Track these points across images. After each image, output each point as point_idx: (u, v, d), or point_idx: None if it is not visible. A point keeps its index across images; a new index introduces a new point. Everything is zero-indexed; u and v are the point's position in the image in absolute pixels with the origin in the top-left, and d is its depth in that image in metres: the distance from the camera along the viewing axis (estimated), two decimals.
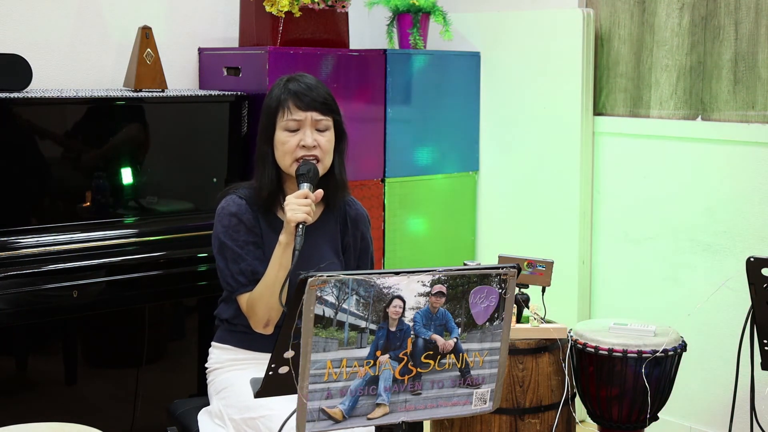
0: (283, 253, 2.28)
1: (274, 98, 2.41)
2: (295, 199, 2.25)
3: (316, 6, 3.49)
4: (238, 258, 2.37)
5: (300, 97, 2.37)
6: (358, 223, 2.54)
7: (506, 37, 3.92)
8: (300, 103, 2.37)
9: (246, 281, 2.36)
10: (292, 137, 2.37)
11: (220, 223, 2.41)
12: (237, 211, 2.41)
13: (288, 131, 2.38)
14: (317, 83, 2.43)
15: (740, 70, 3.35)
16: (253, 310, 2.34)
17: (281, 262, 2.29)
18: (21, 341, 2.89)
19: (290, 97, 2.38)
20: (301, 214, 2.22)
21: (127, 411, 3.08)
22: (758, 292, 2.47)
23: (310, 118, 2.38)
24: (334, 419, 1.73)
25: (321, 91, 2.41)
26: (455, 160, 3.99)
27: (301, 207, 2.23)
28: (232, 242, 2.38)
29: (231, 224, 2.40)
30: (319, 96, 2.39)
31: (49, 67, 3.32)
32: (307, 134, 2.37)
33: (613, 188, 3.74)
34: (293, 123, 2.37)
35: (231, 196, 2.45)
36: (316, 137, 2.38)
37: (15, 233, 2.83)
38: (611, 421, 2.89)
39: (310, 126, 2.38)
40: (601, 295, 3.81)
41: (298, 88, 2.39)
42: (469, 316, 1.82)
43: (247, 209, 2.42)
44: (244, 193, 2.45)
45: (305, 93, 2.38)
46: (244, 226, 2.40)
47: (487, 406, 1.90)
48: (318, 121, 2.39)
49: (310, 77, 2.45)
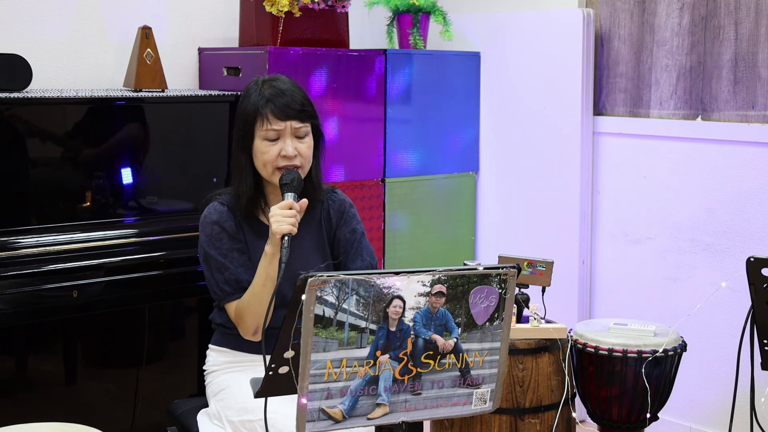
0: (269, 264, 2.27)
1: (251, 104, 2.38)
2: (280, 211, 2.23)
3: (316, 6, 3.49)
4: (222, 267, 2.37)
5: (278, 105, 2.35)
6: (343, 214, 2.53)
7: (506, 37, 3.92)
8: (279, 112, 2.35)
9: (231, 290, 2.36)
10: (272, 146, 2.36)
11: (203, 231, 2.41)
12: (219, 219, 2.40)
13: (267, 140, 2.36)
14: (292, 87, 2.41)
15: (740, 70, 3.35)
16: (241, 319, 2.34)
17: (268, 273, 2.28)
18: (21, 341, 2.89)
19: (267, 105, 2.35)
20: (286, 226, 2.20)
21: (127, 411, 3.08)
22: (758, 292, 2.46)
23: (289, 127, 2.36)
24: (334, 419, 1.73)
25: (297, 96, 2.39)
26: (455, 160, 3.99)
27: (286, 219, 2.22)
28: (215, 251, 2.38)
29: (213, 233, 2.39)
30: (295, 103, 2.37)
31: (49, 67, 3.32)
32: (287, 143, 2.35)
33: (613, 188, 3.74)
34: (273, 133, 2.35)
35: (213, 204, 2.44)
36: (296, 145, 2.37)
37: (15, 233, 2.83)
38: (611, 421, 2.89)
39: (290, 135, 2.36)
40: (601, 295, 3.81)
41: (274, 94, 2.36)
42: (469, 316, 1.82)
43: (229, 216, 2.41)
44: (226, 199, 2.44)
45: (282, 101, 2.35)
46: (226, 234, 2.39)
47: (487, 406, 1.90)
48: (297, 129, 2.37)
49: (285, 80, 2.42)
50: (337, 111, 3.54)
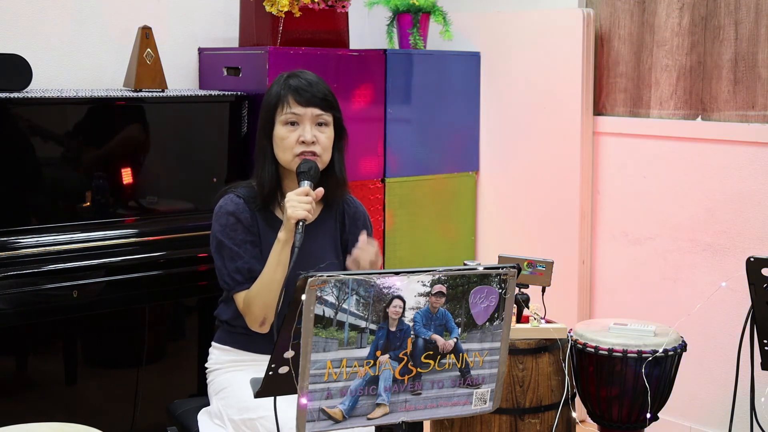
0: (282, 250, 2.28)
1: (273, 94, 2.41)
2: (296, 196, 2.25)
3: (316, 6, 3.49)
4: (235, 256, 2.37)
5: (300, 93, 2.37)
6: (356, 221, 2.54)
7: (506, 37, 3.92)
8: (300, 98, 2.37)
9: (242, 279, 2.36)
10: (292, 132, 2.37)
11: (218, 221, 2.42)
12: (235, 210, 2.41)
13: (287, 125, 2.38)
14: (318, 80, 2.43)
15: (740, 70, 3.35)
16: (249, 308, 2.34)
17: (279, 259, 2.28)
18: (21, 341, 2.89)
19: (290, 92, 2.38)
20: (301, 212, 2.22)
21: (127, 411, 3.08)
22: (758, 292, 2.47)
23: (309, 114, 2.38)
24: (334, 419, 1.73)
25: (321, 87, 2.41)
26: (455, 160, 3.99)
27: (301, 204, 2.23)
28: (229, 240, 2.38)
29: (229, 223, 2.40)
30: (319, 92, 2.39)
31: (49, 67, 3.32)
32: (306, 129, 2.37)
33: (613, 188, 3.74)
34: (292, 116, 2.37)
35: (229, 195, 2.45)
36: (316, 133, 2.38)
37: (15, 233, 2.83)
38: (611, 421, 2.89)
39: (309, 121, 2.38)
40: (601, 295, 3.81)
41: (298, 83, 2.39)
42: (469, 316, 1.82)
43: (245, 208, 2.42)
44: (242, 192, 2.45)
45: (305, 89, 2.38)
46: (241, 225, 2.40)
47: (487, 406, 1.90)
48: (318, 116, 2.39)
49: (311, 74, 2.45)
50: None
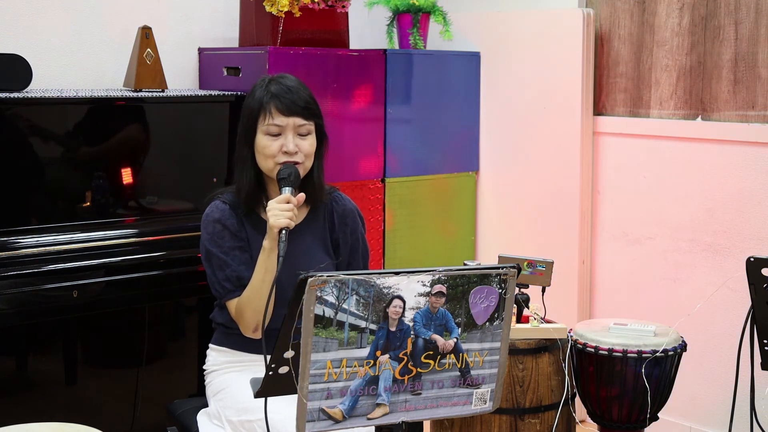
0: (268, 258, 2.28)
1: (255, 100, 2.39)
2: (277, 205, 2.24)
3: (316, 6, 3.49)
4: (223, 265, 2.38)
5: (282, 101, 2.36)
6: (346, 219, 2.54)
7: (506, 37, 3.92)
8: (282, 107, 2.35)
9: (232, 287, 2.37)
10: (274, 142, 2.36)
11: (205, 230, 2.42)
12: (221, 217, 2.41)
13: (269, 135, 2.37)
14: (299, 85, 2.42)
15: (740, 70, 3.35)
16: (241, 316, 2.35)
17: (266, 267, 2.29)
18: (21, 341, 2.89)
19: (272, 100, 2.36)
20: (283, 220, 2.21)
21: (127, 411, 3.08)
22: (758, 292, 2.47)
23: (292, 124, 2.36)
24: (334, 419, 1.73)
25: (303, 94, 2.39)
26: (455, 160, 3.99)
27: (283, 212, 2.23)
28: (217, 249, 2.39)
29: (215, 231, 2.40)
30: (300, 100, 2.38)
31: (49, 67, 3.32)
32: (289, 139, 2.36)
33: (613, 188, 3.74)
34: (275, 128, 2.36)
35: (215, 202, 2.45)
36: (298, 142, 2.37)
37: (15, 233, 2.83)
38: (611, 421, 2.89)
39: (292, 131, 2.37)
40: (601, 295, 3.81)
41: (279, 90, 2.37)
42: (469, 316, 1.82)
43: (231, 214, 2.42)
44: (228, 198, 2.45)
45: (287, 97, 2.36)
46: (228, 232, 2.40)
47: (487, 406, 1.90)
48: (300, 126, 2.38)
49: (292, 78, 2.43)
50: (337, 111, 3.54)
